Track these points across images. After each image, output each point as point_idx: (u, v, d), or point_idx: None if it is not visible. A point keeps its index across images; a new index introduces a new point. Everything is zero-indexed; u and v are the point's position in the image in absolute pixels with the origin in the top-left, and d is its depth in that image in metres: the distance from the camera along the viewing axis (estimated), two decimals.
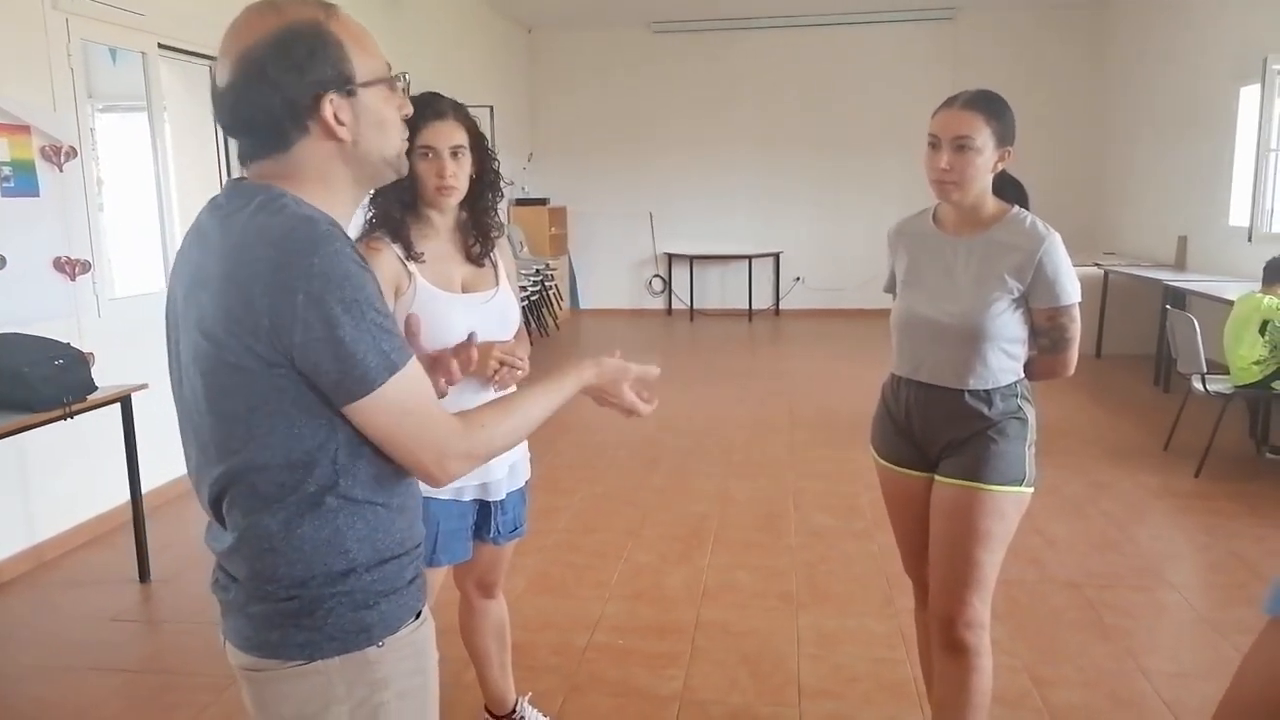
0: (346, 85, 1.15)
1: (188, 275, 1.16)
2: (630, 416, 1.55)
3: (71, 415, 3.34)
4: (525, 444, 2.27)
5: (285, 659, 1.18)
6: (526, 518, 2.32)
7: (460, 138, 2.00)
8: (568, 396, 1.36)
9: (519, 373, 2.03)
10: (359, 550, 1.19)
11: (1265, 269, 4.91)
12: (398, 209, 2.00)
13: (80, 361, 3.43)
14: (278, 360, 1.09)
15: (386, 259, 1.97)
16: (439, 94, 2.03)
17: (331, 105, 1.14)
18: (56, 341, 3.45)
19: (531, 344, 2.26)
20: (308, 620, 1.17)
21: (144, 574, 3.69)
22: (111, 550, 4.01)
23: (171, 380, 1.24)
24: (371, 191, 2.06)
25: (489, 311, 2.09)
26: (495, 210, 2.15)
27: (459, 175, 2.00)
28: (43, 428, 3.31)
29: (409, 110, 1.26)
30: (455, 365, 1.72)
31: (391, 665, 1.22)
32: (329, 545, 1.17)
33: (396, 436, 1.15)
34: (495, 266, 2.16)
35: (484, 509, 2.19)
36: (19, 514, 3.84)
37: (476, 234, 2.11)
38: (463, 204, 2.08)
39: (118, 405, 3.57)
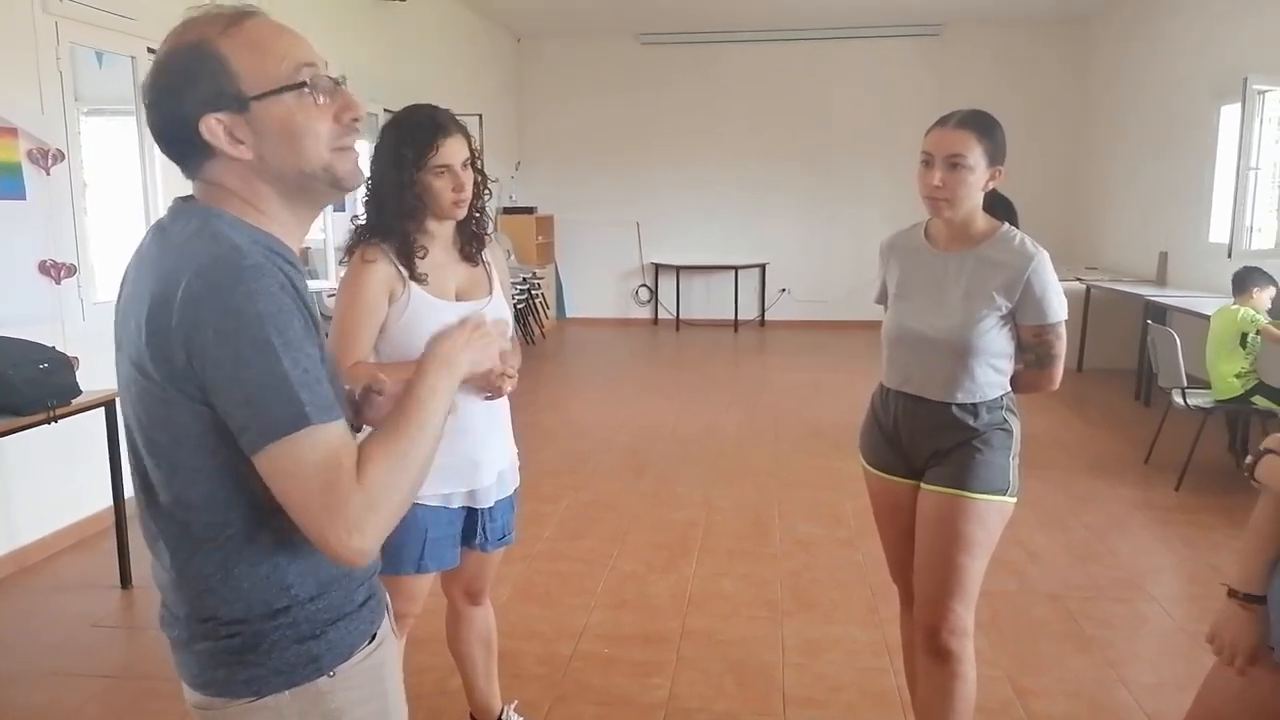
0: (233, 100, 1.08)
1: (124, 299, 1.12)
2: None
3: (55, 419, 3.32)
4: (514, 452, 2.27)
5: (233, 696, 1.15)
6: (515, 525, 2.33)
7: (466, 150, 2.03)
8: (449, 391, 1.18)
9: (509, 385, 2.01)
10: (300, 587, 1.15)
11: (1233, 281, 4.98)
12: (408, 226, 2.01)
13: (65, 365, 3.42)
14: (196, 395, 1.04)
15: (381, 267, 1.98)
16: (436, 107, 2.04)
17: (220, 124, 1.09)
18: (41, 345, 3.44)
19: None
20: (252, 656, 1.14)
21: (125, 580, 3.68)
22: (93, 555, 3.98)
23: (122, 404, 1.18)
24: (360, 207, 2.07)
25: None
26: (484, 211, 2.18)
27: (470, 187, 2.04)
28: (26, 431, 3.29)
29: (353, 113, 1.15)
30: None
31: (344, 694, 1.19)
32: (267, 583, 1.13)
33: (298, 499, 1.03)
34: (489, 272, 2.17)
35: (471, 516, 2.19)
36: (0, 518, 3.81)
37: (471, 236, 2.14)
38: None
39: (101, 409, 3.55)
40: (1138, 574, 3.78)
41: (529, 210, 10.30)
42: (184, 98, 1.09)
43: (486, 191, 2.16)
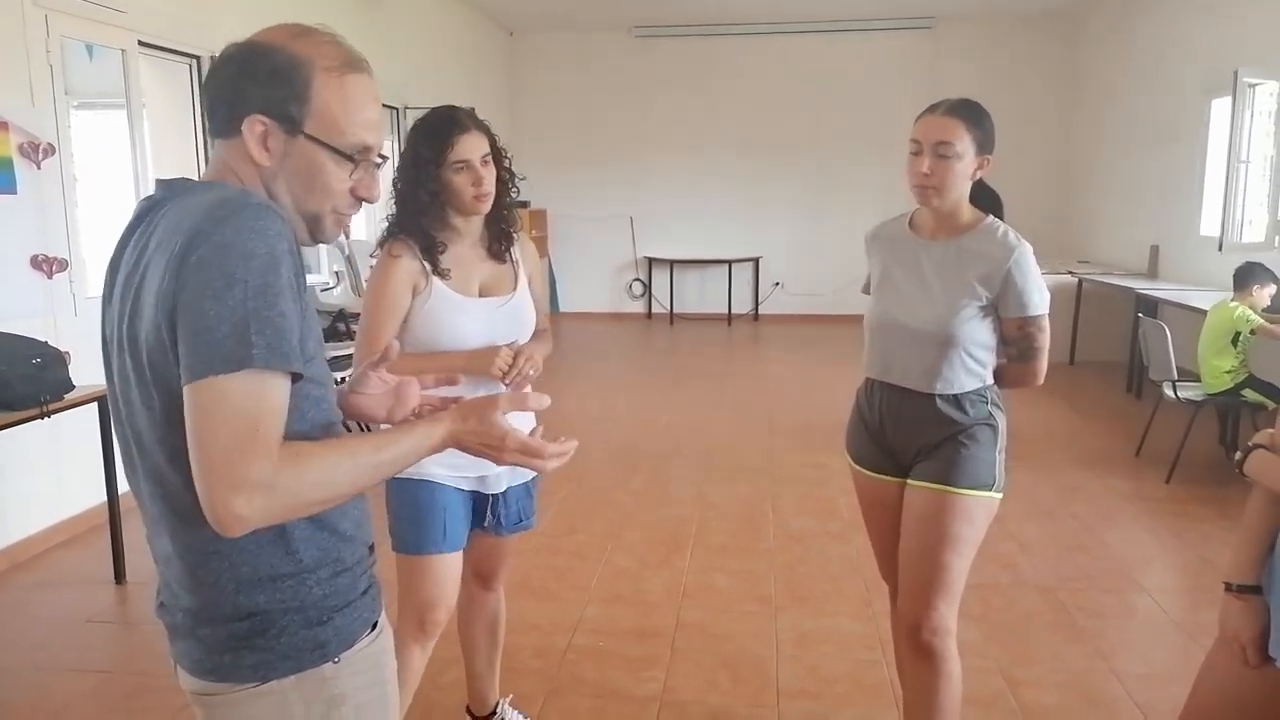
0: (289, 122, 1.14)
1: (128, 266, 1.13)
2: (531, 463, 1.22)
3: (49, 414, 3.32)
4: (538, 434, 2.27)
5: (239, 681, 1.15)
6: (535, 510, 2.34)
7: (485, 145, 2.07)
8: (422, 449, 1.16)
9: (531, 373, 2.07)
10: (306, 549, 1.16)
11: (1235, 276, 4.99)
12: (429, 224, 2.05)
13: (58, 360, 3.41)
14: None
15: (405, 262, 2.04)
16: (456, 107, 2.08)
17: (262, 127, 1.14)
18: (34, 340, 3.43)
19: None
20: (260, 641, 1.14)
21: (119, 575, 3.68)
22: (87, 551, 3.98)
23: (106, 375, 1.18)
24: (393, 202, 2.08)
25: (502, 315, 2.13)
26: (513, 208, 2.20)
27: (491, 181, 2.07)
28: (19, 426, 3.28)
29: (367, 195, 1.22)
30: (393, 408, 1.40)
31: (348, 680, 1.21)
32: (274, 546, 1.14)
33: (206, 438, 1.00)
34: (516, 268, 2.21)
35: (481, 500, 2.20)
36: None
37: (499, 233, 2.18)
38: None
39: (95, 405, 3.54)
40: (1128, 565, 3.81)
41: (522, 205, 10.23)
42: (253, 88, 1.13)
43: (514, 189, 2.18)
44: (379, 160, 1.22)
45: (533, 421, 2.26)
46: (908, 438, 2.19)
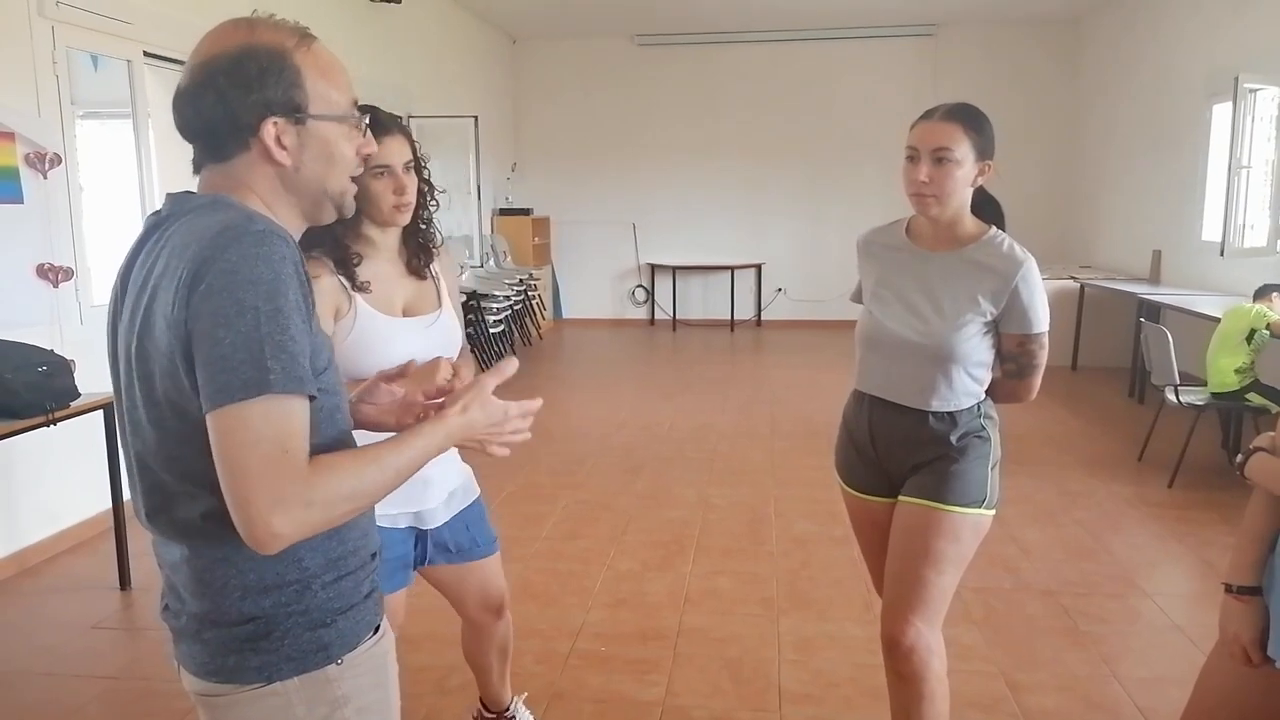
0: (295, 112, 1.15)
1: (136, 284, 1.14)
2: (530, 408, 1.32)
3: (55, 422, 3.34)
4: (467, 470, 2.20)
5: (243, 683, 1.17)
6: (490, 531, 2.26)
7: (409, 152, 1.93)
8: (434, 446, 1.20)
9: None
10: (311, 558, 1.18)
11: (1255, 293, 5.03)
12: (342, 234, 1.89)
13: (64, 368, 3.44)
14: (190, 355, 1.06)
15: (325, 283, 1.86)
16: (375, 107, 1.91)
17: (275, 128, 1.15)
18: (40, 348, 3.45)
19: (513, 354, 2.22)
20: (264, 643, 1.16)
21: (125, 581, 3.70)
22: (93, 557, 4.00)
23: (114, 391, 1.20)
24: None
25: (433, 335, 2.00)
26: (432, 221, 2.08)
27: (413, 191, 1.93)
28: (26, 434, 3.30)
29: (371, 149, 1.26)
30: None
31: (351, 682, 1.22)
32: (281, 555, 1.12)
33: (236, 463, 1.03)
34: (437, 284, 2.07)
35: (439, 537, 2.11)
36: (1, 520, 3.82)
37: (418, 247, 2.04)
38: None
39: (100, 412, 3.57)
40: (1131, 570, 3.81)
41: (525, 212, 10.32)
42: (252, 94, 1.13)
43: (433, 201, 2.05)
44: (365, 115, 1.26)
45: (467, 471, 2.20)
46: (899, 455, 2.13)
